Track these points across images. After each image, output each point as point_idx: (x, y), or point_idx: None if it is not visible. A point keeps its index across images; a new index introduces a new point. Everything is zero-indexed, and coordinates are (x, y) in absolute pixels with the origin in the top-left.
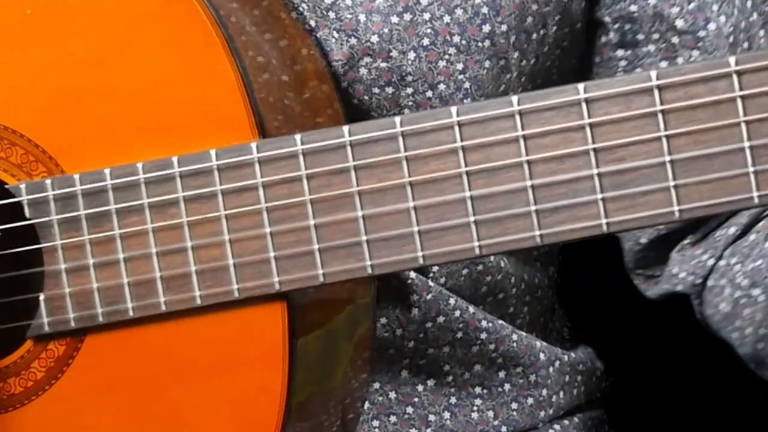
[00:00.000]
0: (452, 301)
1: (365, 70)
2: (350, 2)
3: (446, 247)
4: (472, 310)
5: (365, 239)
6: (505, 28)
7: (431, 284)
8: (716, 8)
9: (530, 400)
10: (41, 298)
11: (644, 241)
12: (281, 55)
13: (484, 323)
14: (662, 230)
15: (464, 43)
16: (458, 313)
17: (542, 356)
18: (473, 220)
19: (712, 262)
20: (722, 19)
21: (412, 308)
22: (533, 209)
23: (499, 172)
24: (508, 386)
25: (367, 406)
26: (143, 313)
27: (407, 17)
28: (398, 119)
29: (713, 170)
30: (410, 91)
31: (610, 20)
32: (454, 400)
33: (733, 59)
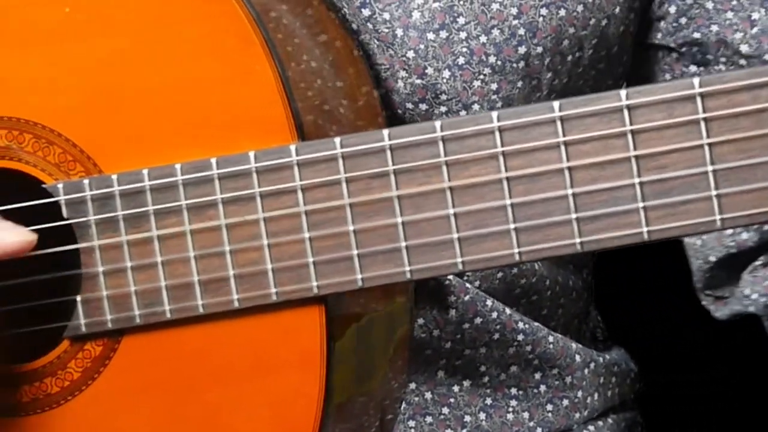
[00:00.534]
0: (489, 302)
1: (401, 83)
2: (388, 16)
3: (486, 253)
4: (508, 311)
5: (404, 245)
6: (540, 50)
7: (468, 286)
8: None
9: (565, 401)
10: (78, 299)
11: (713, 259)
12: (337, 56)
13: (520, 325)
14: (732, 249)
15: (499, 63)
16: (495, 314)
17: (578, 358)
18: (513, 227)
19: None
20: None
21: (449, 309)
22: (574, 217)
23: (539, 178)
24: (543, 388)
25: (403, 406)
26: (180, 315)
27: (443, 35)
28: (438, 123)
29: (756, 179)
30: (444, 109)
31: (675, 45)
32: (489, 401)
33: None
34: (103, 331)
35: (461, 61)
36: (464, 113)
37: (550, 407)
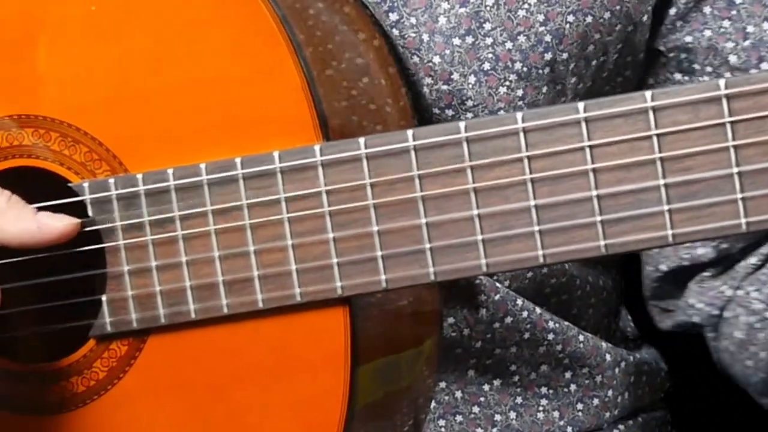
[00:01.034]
0: (520, 301)
1: (427, 90)
2: (414, 21)
3: (510, 255)
4: (539, 311)
5: (429, 246)
6: (566, 56)
7: (498, 285)
8: None
9: (596, 400)
10: (104, 299)
11: (664, 268)
12: (377, 55)
13: (551, 324)
14: (685, 262)
15: (525, 70)
16: (526, 313)
17: (608, 357)
18: (538, 229)
19: (730, 292)
20: None
21: (480, 308)
22: (598, 219)
23: (564, 180)
24: (574, 387)
25: (433, 405)
26: (205, 315)
27: (469, 40)
28: (463, 124)
29: None
30: (470, 116)
31: (665, 49)
32: (520, 400)
33: None
34: (128, 330)
35: (487, 66)
36: None
37: (580, 406)
